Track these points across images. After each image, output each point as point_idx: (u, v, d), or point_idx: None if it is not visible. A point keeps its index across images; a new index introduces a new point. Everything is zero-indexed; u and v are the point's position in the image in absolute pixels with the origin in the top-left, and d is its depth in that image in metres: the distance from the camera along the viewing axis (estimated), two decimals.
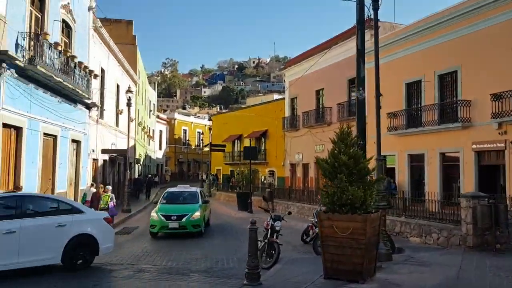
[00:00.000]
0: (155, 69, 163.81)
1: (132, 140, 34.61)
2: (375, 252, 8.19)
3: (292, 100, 34.91)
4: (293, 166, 33.72)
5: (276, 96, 51.09)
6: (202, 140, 56.56)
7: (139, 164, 38.39)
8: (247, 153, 25.32)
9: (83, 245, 9.56)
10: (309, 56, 31.56)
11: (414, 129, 21.50)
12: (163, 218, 15.43)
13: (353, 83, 26.47)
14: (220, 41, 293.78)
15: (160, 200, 17.42)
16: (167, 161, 62.85)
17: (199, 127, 65.60)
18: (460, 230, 12.32)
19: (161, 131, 59.79)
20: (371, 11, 10.39)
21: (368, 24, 26.08)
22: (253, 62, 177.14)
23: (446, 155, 20.33)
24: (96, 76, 20.71)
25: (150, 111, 50.99)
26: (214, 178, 43.63)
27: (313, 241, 12.75)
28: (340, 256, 7.77)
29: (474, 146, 18.34)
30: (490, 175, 18.03)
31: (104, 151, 24.31)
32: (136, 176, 38.14)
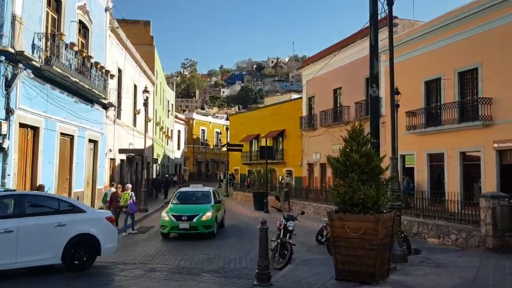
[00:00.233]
0: (174, 70, 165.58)
1: (150, 140, 34.86)
2: (389, 253, 7.97)
3: (310, 99, 34.69)
4: (310, 166, 33.48)
5: (294, 96, 50.79)
6: (220, 140, 56.66)
7: (156, 164, 38.62)
8: (263, 152, 25.20)
9: (84, 245, 9.36)
10: (326, 55, 31.28)
11: (434, 128, 21.10)
12: (173, 218, 15.14)
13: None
14: (239, 41, 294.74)
15: (172, 200, 17.19)
16: (185, 161, 63.18)
17: (217, 127, 65.73)
18: (479, 231, 11.97)
19: (179, 131, 60.13)
20: (385, 6, 10.12)
21: (386, 22, 25.96)
22: (272, 62, 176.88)
23: (467, 154, 19.89)
24: (112, 76, 20.87)
25: (169, 111, 51.32)
26: (231, 177, 43.65)
27: (327, 241, 12.56)
28: (352, 257, 7.58)
29: (496, 145, 17.88)
30: None
31: (121, 150, 24.51)
32: (154, 176, 38.46)
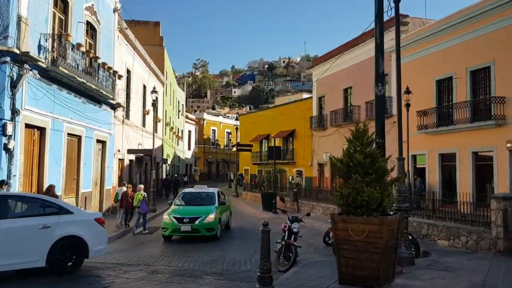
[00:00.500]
0: (186, 70, 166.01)
1: (159, 140, 34.94)
2: (394, 256, 7.74)
3: (320, 99, 34.44)
4: (321, 166, 33.21)
5: (305, 95, 50.49)
6: (231, 140, 56.62)
7: (166, 164, 38.67)
8: (272, 152, 25.04)
9: (71, 248, 9.02)
10: (337, 54, 30.99)
11: (445, 127, 20.77)
12: (175, 220, 14.68)
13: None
14: (250, 42, 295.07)
15: (175, 201, 16.89)
16: (196, 161, 63.26)
17: (228, 127, 65.71)
18: (490, 234, 11.65)
19: (190, 131, 60.22)
20: (392, 3, 9.89)
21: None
22: (283, 61, 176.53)
23: (479, 154, 19.51)
24: (120, 77, 20.88)
25: (179, 111, 51.40)
26: (239, 178, 43.54)
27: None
28: (356, 260, 7.38)
29: (509, 145, 17.49)
30: None
31: (130, 151, 24.54)
32: (164, 176, 38.56)
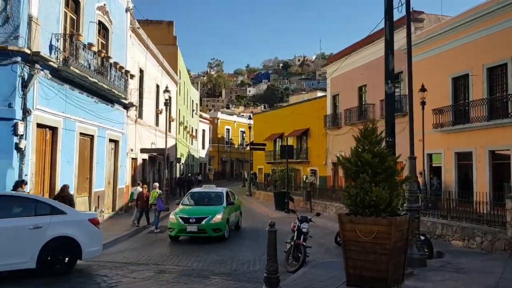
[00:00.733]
0: (201, 70, 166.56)
1: (173, 139, 35.05)
2: (403, 258, 7.54)
3: (334, 97, 34.14)
4: (335, 165, 32.86)
5: (320, 94, 50.15)
6: (245, 139, 56.57)
7: (180, 163, 38.81)
8: (284, 152, 24.86)
9: (63, 249, 8.85)
10: (351, 52, 30.68)
11: (461, 125, 20.35)
12: (181, 220, 14.41)
13: (397, 78, 25.41)
14: (265, 40, 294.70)
15: (182, 201, 16.73)
16: (210, 160, 63.40)
17: (242, 126, 65.67)
18: (505, 234, 11.34)
19: (204, 130, 60.36)
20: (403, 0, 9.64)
21: (412, 17, 25.12)
22: (298, 60, 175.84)
23: (496, 153, 19.07)
24: (132, 77, 20.94)
25: (193, 110, 51.53)
26: (252, 177, 43.46)
27: None
28: (364, 261, 7.21)
29: None
30: None
31: (143, 150, 24.63)
32: (178, 175, 38.72)
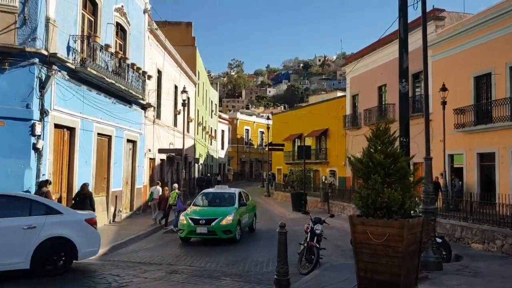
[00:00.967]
0: (221, 71, 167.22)
1: (191, 139, 35.23)
2: (417, 261, 7.33)
3: (354, 97, 33.77)
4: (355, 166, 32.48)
5: (340, 94, 49.75)
6: (264, 139, 56.56)
7: (198, 164, 39.02)
8: (301, 152, 24.68)
9: (58, 249, 8.75)
10: (371, 51, 30.31)
11: (484, 125, 19.84)
12: (191, 222, 14.20)
13: (417, 78, 24.96)
14: (285, 40, 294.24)
15: (194, 202, 16.59)
16: (229, 160, 63.54)
17: (261, 127, 65.59)
18: None
19: (223, 131, 60.52)
20: None
21: (433, 15, 24.70)
22: (319, 60, 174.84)
23: None
24: (150, 77, 21.09)
25: (212, 111, 51.71)
26: (270, 177, 43.35)
27: None
28: (375, 265, 7.02)
29: None
30: None
31: (161, 150, 24.79)
32: (197, 175, 38.94)
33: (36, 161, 12.48)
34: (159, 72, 25.23)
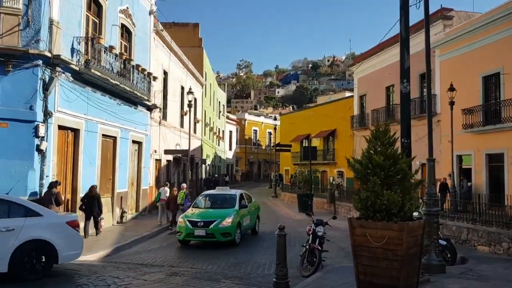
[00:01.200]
0: (230, 71, 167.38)
1: (198, 140, 35.24)
2: (418, 264, 7.20)
3: (361, 98, 33.56)
4: None
5: (348, 94, 49.50)
6: (272, 140, 56.46)
7: (205, 164, 39.04)
8: (307, 153, 24.54)
9: (37, 252, 8.52)
10: (379, 51, 30.07)
11: (493, 126, 19.57)
12: (189, 224, 13.81)
13: (424, 78, 24.70)
14: (294, 41, 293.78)
15: (193, 204, 16.31)
16: (237, 161, 63.50)
17: (269, 127, 65.49)
18: None
19: (231, 131, 60.51)
20: None
21: (441, 14, 24.42)
22: (328, 60, 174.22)
23: None
24: (155, 78, 21.09)
25: (220, 112, 51.71)
26: (277, 178, 43.24)
27: None
28: (375, 268, 6.91)
29: None
30: None
31: (167, 151, 24.81)
32: (204, 176, 38.97)
33: (39, 162, 12.54)
34: (165, 73, 25.26)
